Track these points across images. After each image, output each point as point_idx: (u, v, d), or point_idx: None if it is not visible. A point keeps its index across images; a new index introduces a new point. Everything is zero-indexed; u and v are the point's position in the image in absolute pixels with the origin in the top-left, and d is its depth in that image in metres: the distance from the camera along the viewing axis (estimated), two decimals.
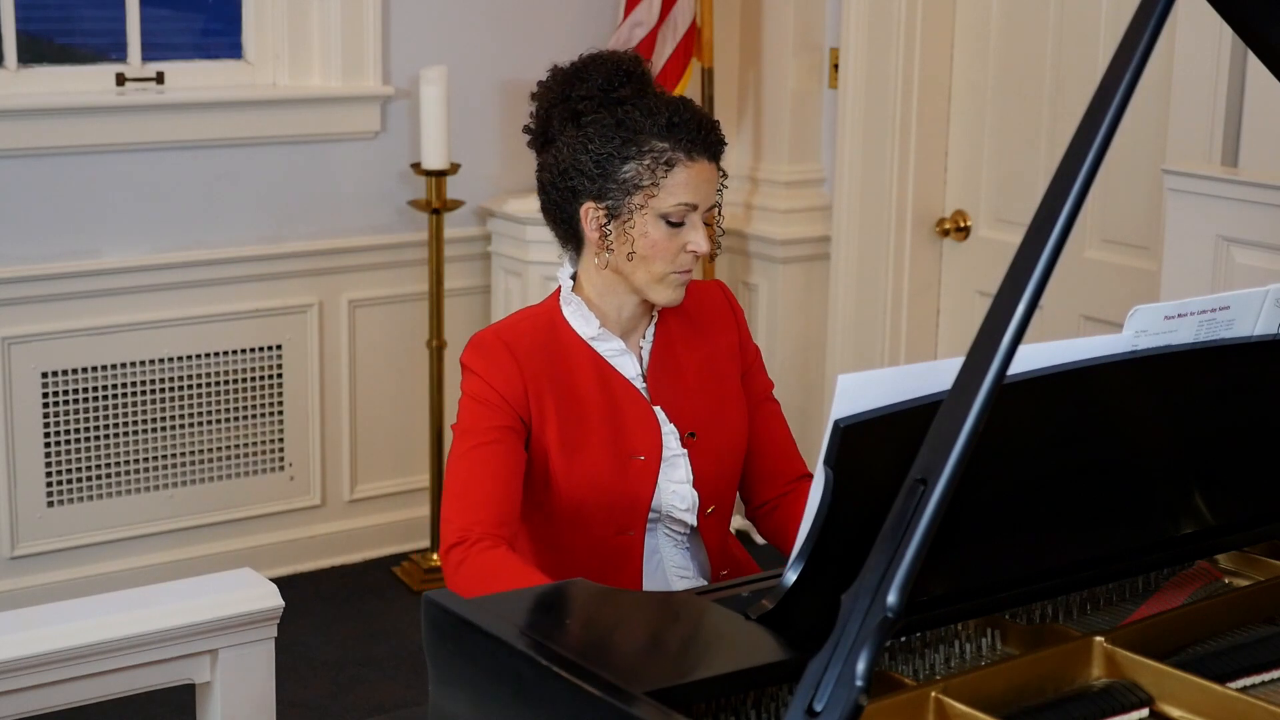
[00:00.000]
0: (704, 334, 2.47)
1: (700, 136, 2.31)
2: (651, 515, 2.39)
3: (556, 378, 2.35)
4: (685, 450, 2.39)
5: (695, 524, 2.42)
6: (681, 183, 2.30)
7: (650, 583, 2.42)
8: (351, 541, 4.57)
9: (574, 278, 2.43)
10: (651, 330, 2.44)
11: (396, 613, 4.26)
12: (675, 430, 2.39)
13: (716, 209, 2.38)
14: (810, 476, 2.55)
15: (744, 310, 4.67)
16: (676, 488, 2.38)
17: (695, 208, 2.32)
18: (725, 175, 2.41)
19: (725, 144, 2.38)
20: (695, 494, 2.39)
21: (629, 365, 2.41)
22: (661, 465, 2.38)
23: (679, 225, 2.32)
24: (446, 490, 2.32)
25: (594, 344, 2.39)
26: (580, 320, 2.39)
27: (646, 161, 2.30)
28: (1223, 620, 1.89)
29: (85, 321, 4.09)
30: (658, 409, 2.39)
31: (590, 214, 2.34)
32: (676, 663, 1.72)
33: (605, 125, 2.32)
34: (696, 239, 2.32)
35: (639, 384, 2.41)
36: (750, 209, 4.67)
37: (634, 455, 2.36)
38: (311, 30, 4.33)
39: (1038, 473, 1.81)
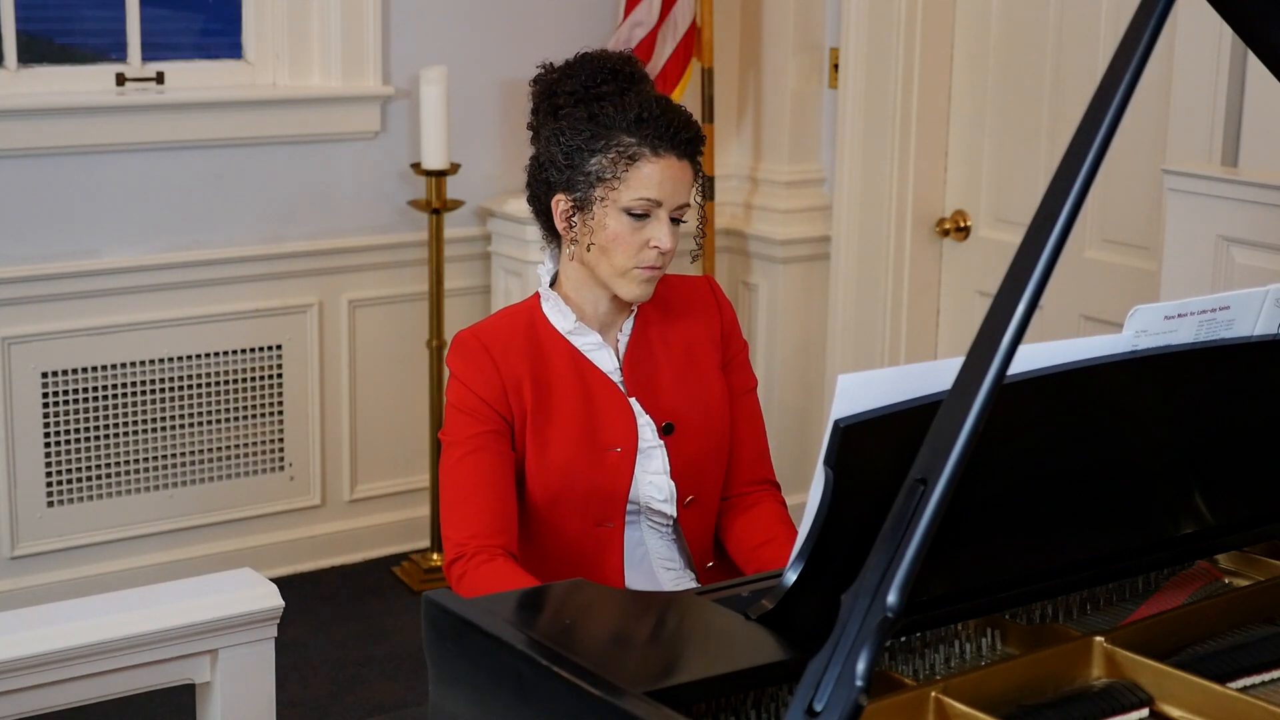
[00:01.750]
0: (682, 324, 2.49)
1: (668, 133, 2.33)
2: (631, 507, 2.41)
3: (534, 373, 2.38)
4: (662, 442, 2.41)
5: (675, 515, 2.42)
6: (644, 177, 2.32)
7: (635, 574, 2.44)
8: (351, 541, 4.57)
9: (555, 274, 2.46)
10: (630, 324, 2.46)
11: (396, 613, 4.26)
12: (652, 422, 2.41)
13: (688, 208, 2.38)
14: (773, 484, 2.56)
15: (743, 309, 4.69)
16: (653, 478, 2.40)
17: (659, 204, 2.33)
18: (703, 176, 2.43)
19: (700, 143, 2.38)
20: (673, 485, 2.41)
21: (606, 359, 2.43)
22: (638, 457, 2.40)
23: (642, 219, 2.33)
24: (441, 504, 2.38)
25: (571, 338, 2.42)
26: (558, 315, 2.42)
27: (611, 155, 2.32)
28: (1223, 620, 1.89)
29: (85, 321, 4.09)
30: (633, 401, 2.42)
31: (560, 205, 2.38)
32: (676, 663, 1.72)
33: (578, 119, 2.35)
34: (660, 235, 2.34)
35: (615, 377, 2.43)
36: (750, 209, 4.67)
37: (610, 448, 2.39)
38: (311, 30, 4.33)
39: (1038, 473, 1.81)
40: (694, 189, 2.41)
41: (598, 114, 2.34)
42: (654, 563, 2.45)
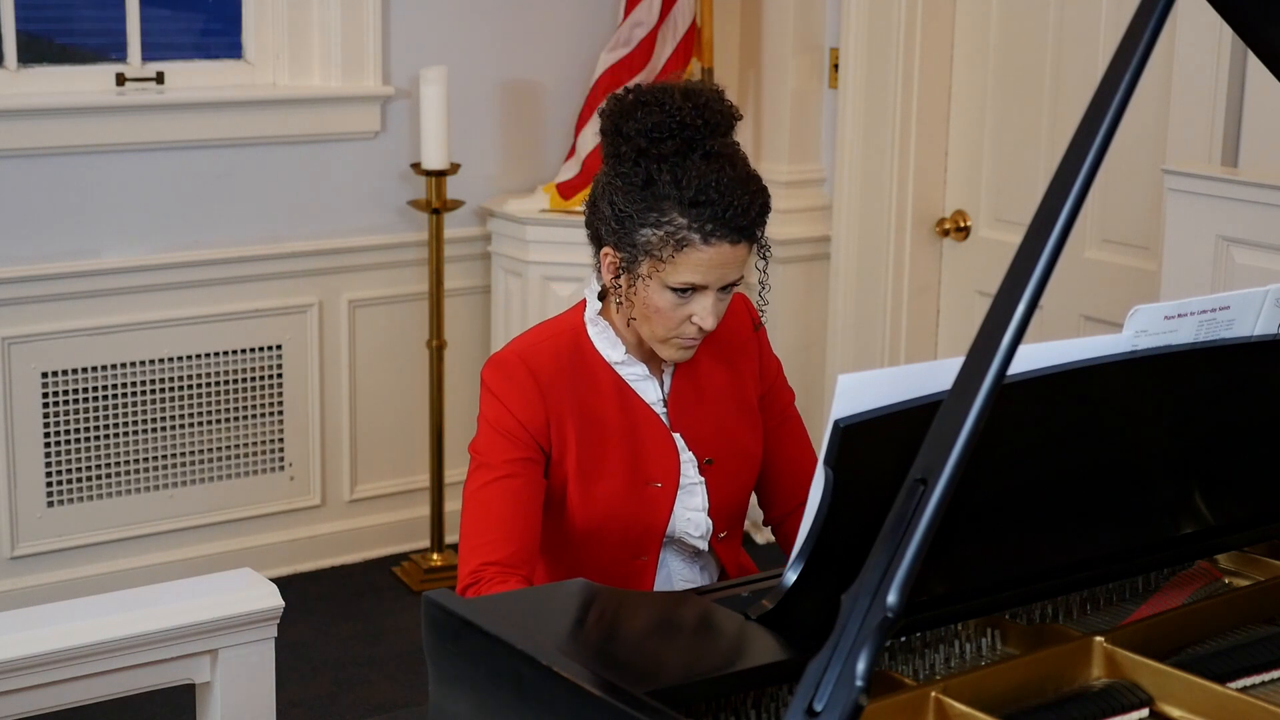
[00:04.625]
0: (727, 357, 2.43)
1: (724, 219, 2.18)
2: (664, 540, 2.39)
3: (579, 401, 2.32)
4: (702, 478, 2.37)
5: (706, 549, 2.41)
6: (692, 264, 2.20)
7: None
8: (351, 541, 4.57)
9: (602, 297, 2.37)
10: None
11: (396, 613, 4.26)
12: (694, 458, 2.37)
13: (741, 279, 2.27)
14: None
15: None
16: (692, 515, 2.36)
17: (705, 286, 2.23)
18: (765, 248, 2.29)
19: (763, 217, 2.23)
20: (710, 522, 2.38)
21: (651, 390, 2.37)
22: (679, 493, 2.35)
23: (687, 294, 2.24)
24: (463, 525, 2.30)
25: (618, 368, 2.35)
26: (606, 344, 2.35)
27: (661, 233, 2.20)
28: (1223, 620, 1.89)
29: (85, 321, 4.09)
30: (677, 436, 2.37)
31: (607, 259, 2.28)
32: (676, 663, 1.72)
33: (633, 182, 2.21)
34: (702, 314, 2.24)
35: (660, 409, 2.37)
36: None
37: (651, 482, 2.34)
38: (311, 30, 4.33)
39: (1038, 473, 1.81)
40: (754, 256, 2.28)
41: (655, 180, 2.19)
42: (676, 585, 2.42)
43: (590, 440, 2.31)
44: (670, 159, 2.20)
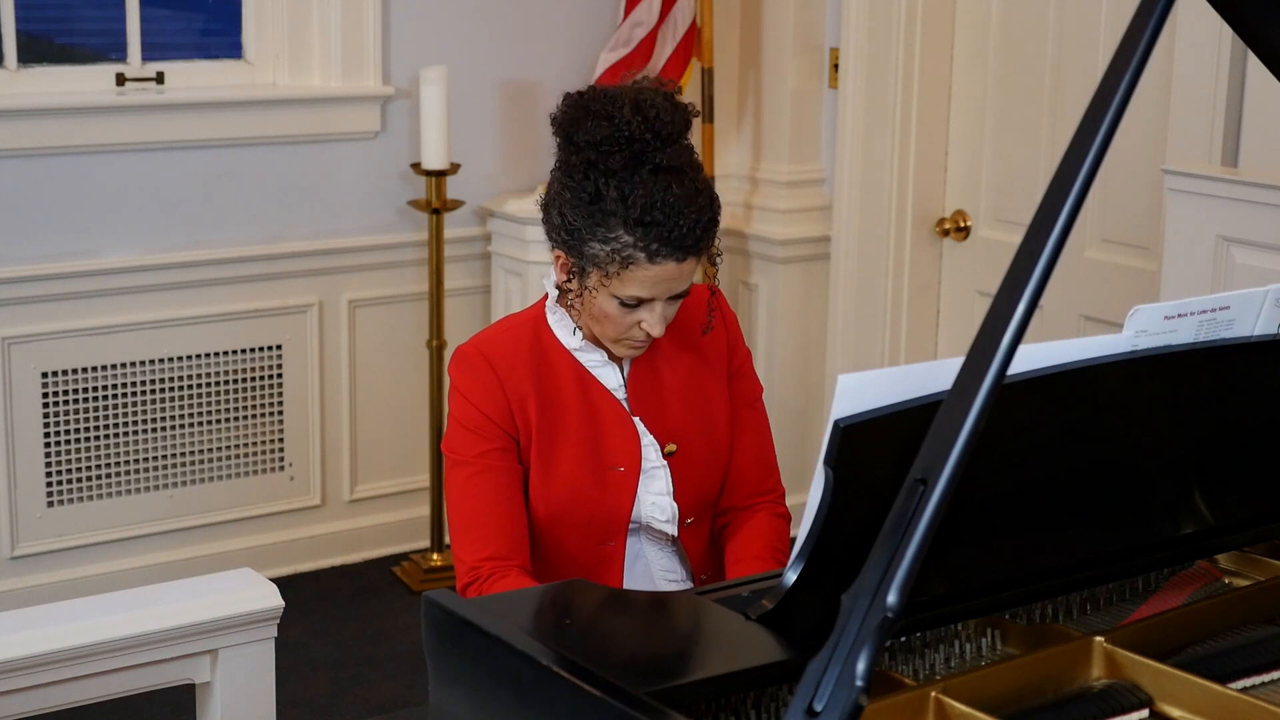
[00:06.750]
0: (689, 342, 2.44)
1: (670, 240, 2.19)
2: (632, 525, 2.40)
3: (539, 387, 2.35)
4: (665, 462, 2.38)
5: (675, 534, 2.41)
6: (637, 281, 2.23)
7: (635, 588, 2.41)
8: (351, 541, 4.57)
9: (560, 286, 2.40)
10: None
11: (396, 613, 4.26)
12: (655, 442, 2.38)
13: (689, 288, 2.29)
14: (775, 493, 2.50)
15: (743, 309, 4.69)
16: (656, 499, 2.38)
17: (653, 299, 2.26)
18: (716, 254, 2.31)
19: (710, 233, 2.24)
20: (675, 505, 2.39)
21: (611, 376, 2.39)
22: (640, 477, 2.37)
23: (635, 306, 2.27)
24: (451, 526, 2.34)
25: (577, 355, 2.38)
26: (564, 331, 2.38)
27: (608, 249, 2.21)
28: (1223, 620, 1.89)
29: (85, 321, 4.09)
30: (637, 420, 2.38)
31: (560, 260, 2.32)
32: (676, 663, 1.72)
33: (582, 194, 2.22)
34: (650, 321, 2.27)
35: (620, 395, 2.39)
36: (750, 209, 4.67)
37: (613, 467, 2.36)
38: (311, 30, 4.33)
39: (1037, 473, 1.81)
40: (701, 264, 2.30)
41: (602, 195, 2.20)
42: (655, 574, 2.43)
43: (551, 425, 2.34)
44: (618, 174, 2.20)
